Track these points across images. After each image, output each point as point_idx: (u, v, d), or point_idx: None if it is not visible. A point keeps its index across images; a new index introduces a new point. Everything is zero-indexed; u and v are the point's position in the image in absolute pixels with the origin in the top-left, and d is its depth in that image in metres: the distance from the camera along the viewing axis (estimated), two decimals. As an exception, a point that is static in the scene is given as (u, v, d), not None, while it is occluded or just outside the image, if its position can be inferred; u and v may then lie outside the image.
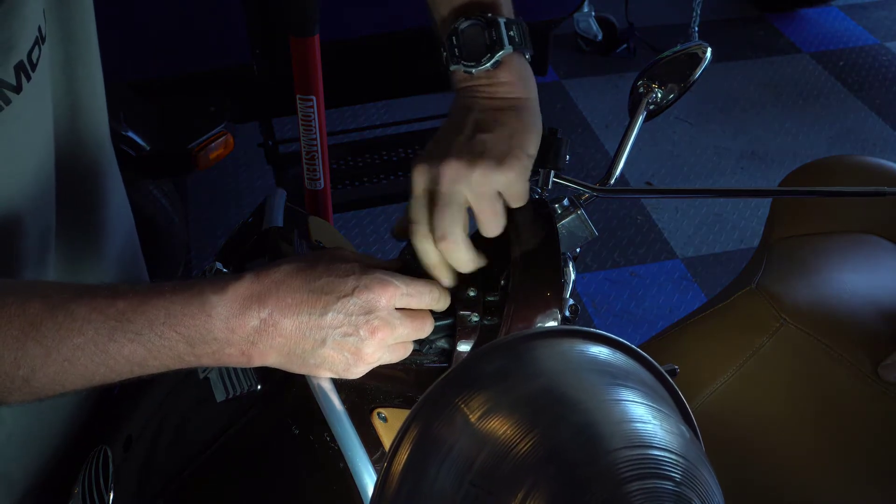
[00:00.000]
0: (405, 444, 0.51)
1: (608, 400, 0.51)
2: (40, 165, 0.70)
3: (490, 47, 0.66)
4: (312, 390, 0.62)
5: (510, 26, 0.67)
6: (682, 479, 0.48)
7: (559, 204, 0.72)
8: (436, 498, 0.49)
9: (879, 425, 1.03)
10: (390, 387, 0.66)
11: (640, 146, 2.84)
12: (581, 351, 0.56)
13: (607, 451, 0.48)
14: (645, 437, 0.49)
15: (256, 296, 0.56)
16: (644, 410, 0.52)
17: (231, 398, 0.66)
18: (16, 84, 0.62)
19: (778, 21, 3.85)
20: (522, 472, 0.47)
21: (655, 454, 0.48)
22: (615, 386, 0.53)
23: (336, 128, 2.78)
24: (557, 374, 0.54)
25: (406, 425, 0.51)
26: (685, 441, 0.51)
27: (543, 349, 0.54)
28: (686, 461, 0.49)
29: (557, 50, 3.45)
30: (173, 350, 0.55)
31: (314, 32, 1.50)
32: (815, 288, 1.18)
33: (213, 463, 0.66)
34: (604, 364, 0.56)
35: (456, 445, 0.50)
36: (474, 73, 0.67)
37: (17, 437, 0.78)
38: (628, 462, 0.47)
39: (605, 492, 0.46)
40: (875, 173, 1.35)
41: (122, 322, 0.54)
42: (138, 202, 2.07)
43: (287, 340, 0.57)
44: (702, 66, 0.82)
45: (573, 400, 0.51)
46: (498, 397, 0.51)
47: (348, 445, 0.59)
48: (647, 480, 0.47)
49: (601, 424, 0.49)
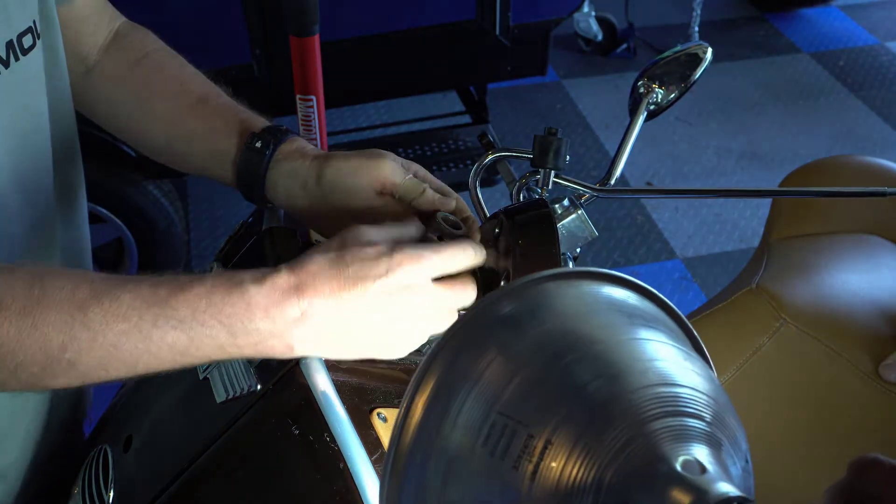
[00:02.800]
0: (430, 376, 0.50)
1: (631, 339, 0.51)
2: (23, 147, 0.71)
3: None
4: (312, 390, 0.62)
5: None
6: (713, 419, 0.47)
7: (559, 204, 0.72)
8: (462, 428, 0.48)
9: (880, 425, 1.03)
10: (390, 387, 0.66)
11: (640, 146, 2.84)
12: (600, 292, 0.55)
13: (631, 388, 0.46)
14: (671, 375, 0.48)
15: (294, 287, 0.56)
16: (669, 350, 0.50)
17: (231, 398, 0.66)
18: (5, 59, 0.65)
19: (778, 21, 3.85)
20: (548, 410, 0.47)
21: (683, 392, 0.47)
22: (637, 326, 0.52)
23: (336, 128, 2.78)
24: (578, 314, 0.53)
25: (430, 359, 0.50)
26: (714, 385, 0.50)
27: (560, 291, 0.54)
28: (716, 403, 0.48)
29: (557, 50, 3.46)
30: (215, 340, 0.56)
31: (314, 32, 1.50)
32: (815, 288, 1.18)
33: (213, 463, 0.66)
34: (625, 305, 0.55)
35: (480, 380, 0.49)
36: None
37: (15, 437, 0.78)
38: (654, 399, 0.46)
39: (632, 429, 0.45)
40: (875, 173, 1.35)
41: (166, 309, 0.55)
42: (138, 202, 2.08)
43: (329, 328, 0.57)
44: (702, 67, 0.82)
45: (595, 338, 0.50)
46: (519, 337, 0.50)
47: (348, 445, 0.59)
48: (675, 418, 0.46)
49: (624, 362, 0.48)
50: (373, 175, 0.70)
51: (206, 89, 0.81)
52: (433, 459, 0.49)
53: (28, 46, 0.69)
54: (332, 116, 2.69)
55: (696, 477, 0.44)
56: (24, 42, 0.68)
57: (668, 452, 0.45)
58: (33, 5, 0.70)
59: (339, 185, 0.70)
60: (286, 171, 0.73)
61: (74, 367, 0.55)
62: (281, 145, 0.73)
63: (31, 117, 0.73)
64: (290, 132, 0.75)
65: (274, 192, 0.74)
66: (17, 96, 0.69)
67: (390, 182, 0.70)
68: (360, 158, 0.70)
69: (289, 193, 0.73)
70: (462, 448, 0.48)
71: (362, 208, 0.71)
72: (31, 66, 0.70)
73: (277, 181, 0.73)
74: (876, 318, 1.10)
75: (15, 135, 0.70)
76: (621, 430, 0.45)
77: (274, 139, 0.73)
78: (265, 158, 0.73)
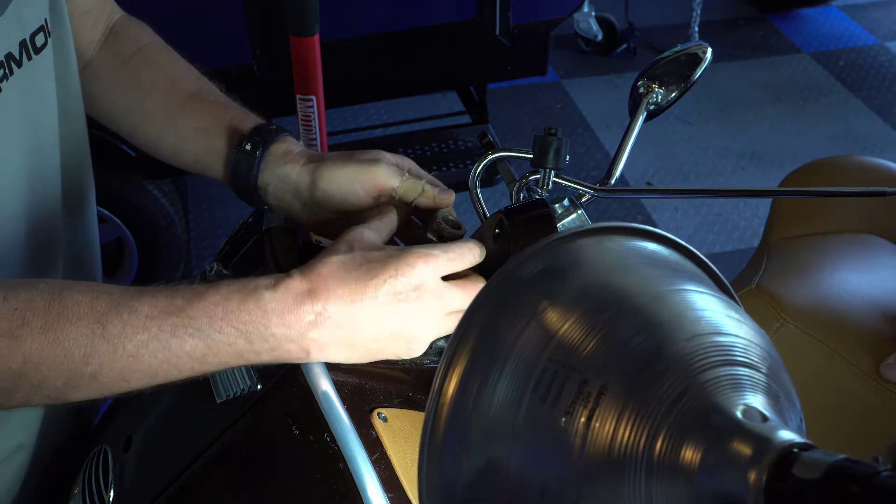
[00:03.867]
0: (472, 329, 0.49)
1: (675, 289, 0.49)
2: (34, 148, 0.71)
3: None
4: (312, 390, 0.62)
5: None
6: (769, 372, 0.45)
7: (559, 204, 0.72)
8: (508, 378, 0.47)
9: (881, 424, 1.03)
10: (390, 387, 0.66)
11: (640, 146, 2.84)
12: (631, 245, 0.54)
13: (684, 337, 0.45)
14: (721, 325, 0.46)
15: (307, 292, 0.57)
16: (711, 300, 0.49)
17: (231, 398, 0.66)
18: (18, 58, 0.65)
19: (778, 21, 3.85)
20: (601, 358, 0.45)
21: (737, 342, 0.45)
22: (679, 277, 0.51)
23: (336, 128, 2.78)
24: (610, 269, 0.51)
25: (471, 309, 0.50)
26: (766, 339, 0.48)
27: (590, 247, 0.53)
28: (770, 357, 0.46)
29: (557, 50, 3.45)
30: (232, 346, 0.56)
31: (314, 32, 1.50)
32: (815, 288, 1.18)
33: (213, 463, 0.66)
34: (661, 258, 0.54)
35: (527, 329, 0.48)
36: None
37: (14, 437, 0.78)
38: (709, 348, 0.44)
39: (685, 379, 0.43)
40: (875, 173, 1.35)
41: (183, 318, 0.55)
42: (138, 202, 2.08)
43: (344, 331, 0.58)
44: (702, 67, 0.82)
45: (639, 290, 0.49)
46: (565, 286, 0.49)
47: (348, 445, 0.59)
48: (731, 367, 0.44)
49: (673, 312, 0.47)
50: (369, 182, 0.70)
51: (198, 86, 0.81)
52: (476, 413, 0.48)
53: (40, 45, 0.69)
54: (332, 116, 2.69)
55: (757, 424, 0.42)
56: (37, 41, 0.68)
57: (725, 402, 0.43)
58: (44, 1, 0.70)
59: (333, 192, 0.71)
60: (277, 175, 0.73)
61: (96, 380, 0.55)
62: (271, 146, 0.73)
63: (43, 116, 0.73)
64: (280, 131, 0.75)
65: (265, 194, 0.74)
66: (29, 95, 0.69)
67: (388, 187, 0.70)
68: (354, 165, 0.70)
69: (280, 198, 0.73)
70: (508, 399, 0.47)
71: (357, 212, 0.71)
72: (42, 65, 0.70)
73: (269, 185, 0.73)
74: (876, 317, 1.10)
75: (27, 133, 0.70)
76: (675, 381, 0.44)
77: (263, 141, 0.73)
78: (255, 161, 0.73)
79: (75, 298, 0.55)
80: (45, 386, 0.55)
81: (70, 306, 0.54)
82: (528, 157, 0.75)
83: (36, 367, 0.54)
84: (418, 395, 0.68)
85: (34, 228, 0.73)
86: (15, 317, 0.53)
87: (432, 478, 0.49)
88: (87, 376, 0.55)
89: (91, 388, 0.56)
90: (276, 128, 0.75)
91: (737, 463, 0.40)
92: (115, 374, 0.56)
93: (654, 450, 0.43)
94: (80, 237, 0.85)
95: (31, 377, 0.54)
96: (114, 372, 0.55)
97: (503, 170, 0.84)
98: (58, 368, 0.54)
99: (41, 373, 0.54)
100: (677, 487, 0.42)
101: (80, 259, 0.85)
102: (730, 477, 0.41)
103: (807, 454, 0.39)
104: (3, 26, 0.64)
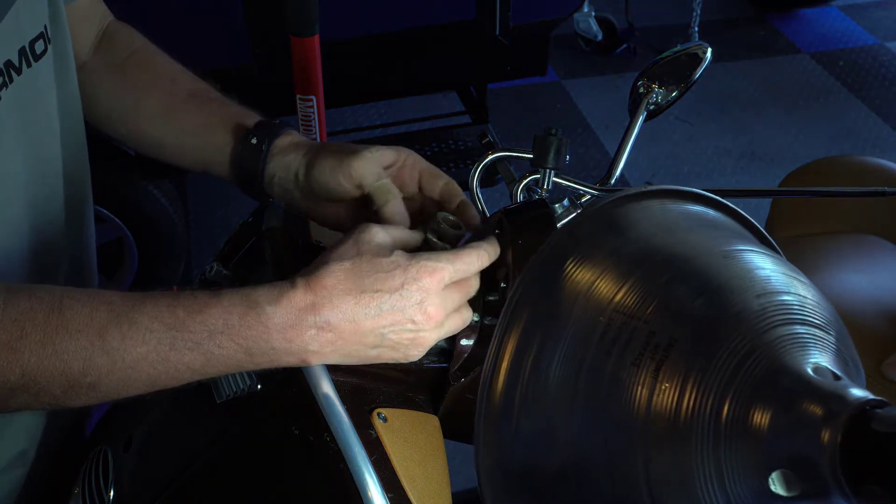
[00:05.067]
0: (531, 280, 0.49)
1: (732, 250, 0.48)
2: (36, 154, 0.71)
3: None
4: (312, 390, 0.62)
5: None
6: (837, 335, 0.44)
7: (559, 204, 0.72)
8: (572, 329, 0.47)
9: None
10: (390, 387, 0.66)
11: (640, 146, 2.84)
12: (688, 209, 0.53)
13: (746, 297, 0.44)
14: (786, 283, 0.45)
15: (310, 305, 0.57)
16: (768, 260, 0.47)
17: (231, 398, 0.66)
18: (17, 66, 0.65)
19: (778, 21, 3.85)
20: (668, 312, 0.45)
21: (806, 302, 0.44)
22: (733, 238, 0.50)
23: (336, 128, 2.78)
24: (661, 233, 0.51)
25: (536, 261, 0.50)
26: (831, 307, 0.47)
27: (650, 208, 0.52)
28: (837, 321, 0.45)
29: (557, 50, 3.45)
30: (232, 359, 0.57)
31: (314, 32, 1.50)
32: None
33: (213, 463, 0.66)
34: (719, 222, 0.53)
35: (596, 281, 0.48)
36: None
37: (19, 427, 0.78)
38: (777, 306, 0.43)
39: (749, 340, 0.42)
40: (875, 173, 1.35)
41: (182, 332, 0.55)
42: (138, 202, 2.08)
43: (345, 343, 0.58)
44: (702, 67, 0.82)
45: (697, 251, 0.48)
46: (615, 254, 0.49)
47: (348, 445, 0.59)
48: (800, 326, 0.43)
49: (733, 271, 0.46)
50: (348, 174, 0.70)
51: (195, 85, 0.81)
52: (534, 373, 0.47)
53: (40, 52, 0.69)
54: (332, 116, 2.69)
55: (830, 382, 0.41)
56: (37, 48, 0.68)
57: (794, 361, 0.42)
58: (43, 8, 0.69)
59: (321, 181, 0.71)
60: (282, 164, 0.73)
61: (95, 390, 0.56)
62: (276, 140, 0.74)
63: (44, 124, 0.72)
64: (284, 125, 0.75)
65: (270, 186, 0.74)
66: (29, 102, 0.69)
67: (366, 182, 0.70)
68: (339, 156, 0.70)
69: (284, 187, 0.74)
70: (570, 355, 0.46)
71: (347, 200, 0.72)
72: (43, 73, 0.70)
73: (274, 175, 0.73)
74: (877, 317, 1.10)
75: (28, 141, 0.69)
76: (742, 339, 0.43)
77: (269, 134, 0.73)
78: (262, 154, 0.73)
79: (75, 309, 0.55)
80: (43, 394, 0.55)
81: (69, 318, 0.54)
82: (528, 157, 0.75)
83: (34, 378, 0.54)
84: (418, 395, 0.68)
85: (36, 236, 0.73)
86: (14, 328, 0.53)
87: (489, 444, 0.49)
88: (85, 386, 0.55)
89: (90, 396, 0.56)
90: (279, 122, 0.75)
91: (809, 423, 0.40)
92: (113, 384, 0.56)
93: (722, 413, 0.42)
94: (80, 243, 0.85)
95: (30, 387, 0.54)
96: (112, 382, 0.56)
97: (503, 170, 0.84)
98: (56, 379, 0.54)
99: (39, 384, 0.54)
100: (747, 451, 0.41)
101: (80, 264, 0.85)
102: (802, 438, 0.40)
103: (882, 410, 0.38)
104: (1, 33, 0.63)
